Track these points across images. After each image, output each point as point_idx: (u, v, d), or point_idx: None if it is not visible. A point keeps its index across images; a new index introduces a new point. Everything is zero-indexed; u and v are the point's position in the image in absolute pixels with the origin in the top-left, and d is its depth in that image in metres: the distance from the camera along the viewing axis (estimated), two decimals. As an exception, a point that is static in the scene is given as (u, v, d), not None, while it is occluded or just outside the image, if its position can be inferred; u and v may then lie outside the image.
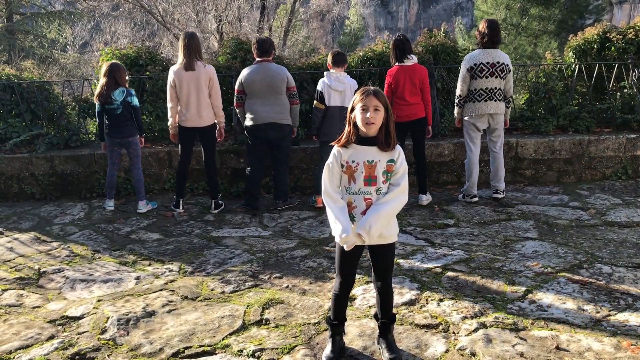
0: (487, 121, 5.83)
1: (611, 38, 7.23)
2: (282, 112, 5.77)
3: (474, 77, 5.71)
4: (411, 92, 5.73)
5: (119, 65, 5.95)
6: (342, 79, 5.78)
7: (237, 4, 18.67)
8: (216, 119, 5.89)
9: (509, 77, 5.75)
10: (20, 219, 5.97)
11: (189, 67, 5.62)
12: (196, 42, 5.68)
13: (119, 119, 5.87)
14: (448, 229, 5.22)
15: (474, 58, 5.70)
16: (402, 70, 5.73)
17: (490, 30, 5.67)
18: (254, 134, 5.81)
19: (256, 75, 5.71)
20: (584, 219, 5.32)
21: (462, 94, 5.84)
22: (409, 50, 5.79)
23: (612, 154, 6.69)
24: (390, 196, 2.86)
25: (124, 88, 5.84)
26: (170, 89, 5.73)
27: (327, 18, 31.21)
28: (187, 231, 5.43)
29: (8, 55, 16.84)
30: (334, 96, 5.78)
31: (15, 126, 6.93)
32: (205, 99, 5.74)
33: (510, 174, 6.70)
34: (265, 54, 5.76)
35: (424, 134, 5.95)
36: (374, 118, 2.78)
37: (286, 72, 5.81)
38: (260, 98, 5.73)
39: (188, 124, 5.78)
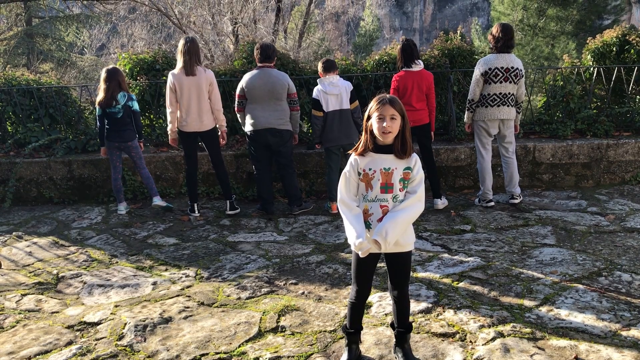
0: (498, 126, 5.79)
1: (630, 40, 7.13)
2: (281, 117, 5.79)
3: (487, 82, 5.67)
4: (418, 97, 5.72)
5: (119, 69, 6.07)
6: (335, 83, 5.79)
7: (253, 7, 18.73)
8: (217, 123, 5.92)
9: (522, 82, 5.71)
10: (38, 223, 6.04)
11: (189, 72, 5.65)
12: (196, 47, 5.71)
13: (119, 123, 5.94)
14: (464, 234, 5.18)
15: (489, 62, 5.66)
16: (409, 76, 5.72)
17: (505, 34, 5.62)
18: (254, 139, 5.85)
19: (258, 80, 5.73)
20: (602, 225, 5.25)
21: (474, 99, 5.80)
22: (416, 55, 5.77)
23: (632, 158, 6.60)
24: (407, 203, 2.86)
25: (126, 92, 5.93)
26: (170, 94, 5.75)
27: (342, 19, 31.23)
28: (203, 236, 5.45)
29: (27, 59, 17.05)
30: (331, 101, 5.78)
31: (34, 130, 7.01)
32: (205, 104, 5.77)
33: (528, 178, 6.64)
34: (268, 59, 5.78)
35: (430, 139, 5.94)
36: (391, 127, 2.78)
37: (287, 78, 5.83)
38: (261, 103, 5.75)
39: (188, 128, 5.81)
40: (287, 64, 7.21)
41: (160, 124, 7.32)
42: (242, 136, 7.07)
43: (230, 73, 7.18)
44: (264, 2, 19.85)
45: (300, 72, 7.28)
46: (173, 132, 5.89)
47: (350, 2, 26.52)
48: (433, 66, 6.99)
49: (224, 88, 7.05)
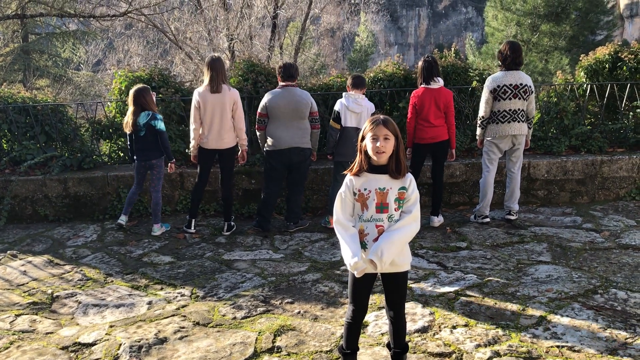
0: (511, 142, 5.83)
1: (623, 58, 7.21)
2: (304, 136, 5.82)
3: (497, 99, 5.72)
4: (436, 114, 5.76)
5: (143, 89, 5.96)
6: (359, 101, 5.82)
7: (249, 23, 18.85)
8: (239, 142, 5.93)
9: (532, 98, 5.75)
10: (33, 241, 6.02)
11: (214, 89, 5.68)
12: (221, 65, 5.74)
13: (142, 142, 5.92)
14: (460, 251, 5.19)
15: (497, 80, 5.71)
16: (427, 93, 5.76)
17: (513, 52, 5.68)
18: (276, 158, 5.83)
19: (281, 99, 5.75)
20: (597, 242, 5.27)
21: (485, 116, 5.84)
22: (437, 72, 5.82)
23: (626, 174, 6.64)
24: (402, 223, 2.88)
25: (149, 111, 5.89)
26: (195, 111, 5.78)
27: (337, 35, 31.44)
28: (198, 254, 5.44)
29: (23, 75, 17.09)
30: (350, 117, 5.82)
31: (29, 148, 7.00)
32: (228, 122, 5.79)
33: (523, 194, 6.66)
34: (290, 78, 5.81)
35: (445, 156, 5.97)
36: (385, 147, 2.81)
37: (310, 97, 5.86)
38: (284, 122, 5.77)
39: (209, 145, 5.83)
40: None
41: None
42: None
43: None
44: (260, 19, 19.98)
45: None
46: (195, 148, 5.90)
47: (345, 18, 26.75)
48: (428, 83, 7.02)
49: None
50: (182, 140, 7.03)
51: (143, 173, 6.12)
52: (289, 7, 20.76)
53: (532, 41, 20.58)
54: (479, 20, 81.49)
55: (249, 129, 6.86)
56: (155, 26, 18.65)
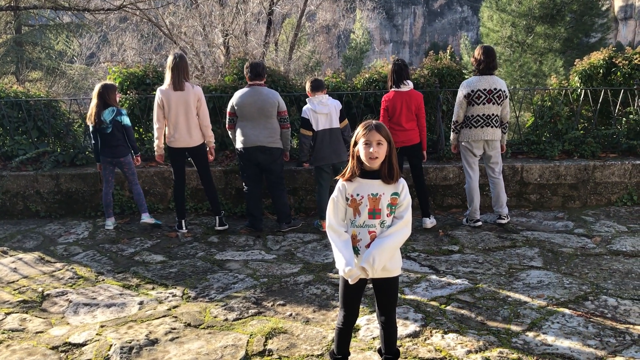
0: (483, 147, 5.84)
1: (617, 63, 7.24)
2: (271, 135, 5.81)
3: (471, 104, 5.72)
4: (407, 117, 5.77)
5: (109, 85, 6.02)
6: (325, 102, 5.83)
7: (244, 19, 18.78)
8: (205, 139, 5.92)
9: (506, 103, 5.76)
10: (24, 237, 5.98)
11: (177, 87, 5.65)
12: (184, 63, 5.71)
13: (110, 139, 5.93)
14: (452, 255, 5.20)
15: (471, 84, 5.72)
16: (398, 96, 5.77)
17: (487, 56, 5.68)
18: (244, 157, 5.86)
19: (248, 98, 5.75)
20: (589, 247, 5.29)
21: (458, 120, 5.86)
22: (406, 75, 5.82)
23: (618, 180, 6.67)
24: (394, 229, 2.88)
25: (114, 107, 5.90)
26: (158, 109, 5.74)
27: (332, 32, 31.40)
28: (190, 253, 5.43)
29: (16, 67, 16.96)
30: (320, 119, 5.82)
31: (21, 143, 6.95)
32: (194, 119, 5.78)
33: (515, 198, 6.69)
34: (258, 77, 5.81)
35: (420, 158, 5.98)
36: (378, 152, 2.81)
37: (277, 96, 5.86)
38: (251, 121, 5.78)
39: (177, 144, 5.81)
40: (277, 80, 7.23)
41: (149, 137, 7.29)
42: (232, 152, 7.07)
43: (221, 89, 7.19)
44: (255, 15, 19.91)
45: (291, 89, 7.31)
46: (160, 148, 5.87)
47: (341, 15, 26.70)
48: (423, 85, 7.04)
49: (214, 103, 7.06)
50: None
51: (111, 169, 6.14)
52: (285, 4, 20.70)
53: (527, 42, 20.62)
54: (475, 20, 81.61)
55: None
56: (150, 20, 18.54)
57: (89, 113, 5.96)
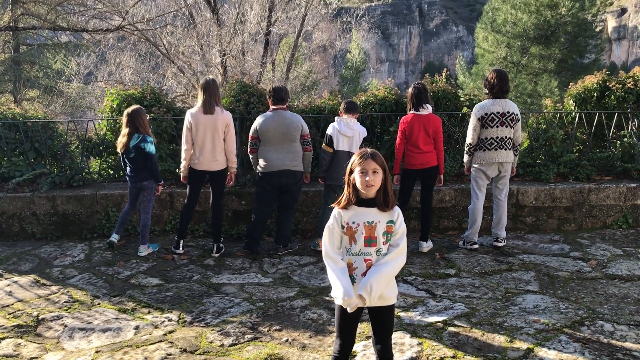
0: (497, 169, 5.89)
1: (611, 87, 7.32)
2: (295, 159, 5.85)
3: (484, 127, 5.79)
4: (425, 141, 5.83)
5: (139, 111, 5.96)
6: (352, 125, 5.88)
7: (241, 39, 18.93)
8: (228, 164, 5.95)
9: (518, 126, 5.83)
10: (20, 260, 5.96)
11: (207, 110, 5.70)
12: (216, 87, 5.78)
13: (133, 163, 5.95)
14: (449, 279, 5.20)
15: (485, 108, 5.79)
16: (417, 119, 5.83)
17: (500, 80, 5.77)
18: (267, 181, 5.87)
19: (272, 123, 5.79)
20: (584, 271, 5.31)
21: (472, 142, 5.91)
22: (425, 99, 5.90)
23: (613, 203, 6.71)
24: (390, 257, 2.90)
25: (140, 134, 5.89)
26: (187, 132, 5.80)
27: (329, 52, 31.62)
28: (186, 276, 5.41)
29: (14, 86, 17.01)
30: (342, 141, 5.87)
31: (18, 165, 6.95)
32: (220, 144, 5.82)
33: (511, 221, 6.71)
34: (281, 101, 5.86)
35: (434, 182, 6.03)
36: (373, 180, 2.84)
37: (301, 120, 5.91)
38: (275, 145, 5.81)
39: (200, 167, 5.84)
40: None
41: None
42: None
43: (218, 111, 7.21)
44: (253, 35, 20.06)
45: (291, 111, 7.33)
46: (186, 169, 5.92)
47: (337, 35, 26.92)
48: (419, 108, 7.08)
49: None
50: (172, 160, 7.02)
51: (135, 194, 6.13)
52: (282, 24, 20.87)
53: (522, 63, 20.82)
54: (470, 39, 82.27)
55: (240, 150, 6.88)
56: (148, 40, 18.67)
57: (119, 140, 5.97)
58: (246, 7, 19.41)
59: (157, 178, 6.04)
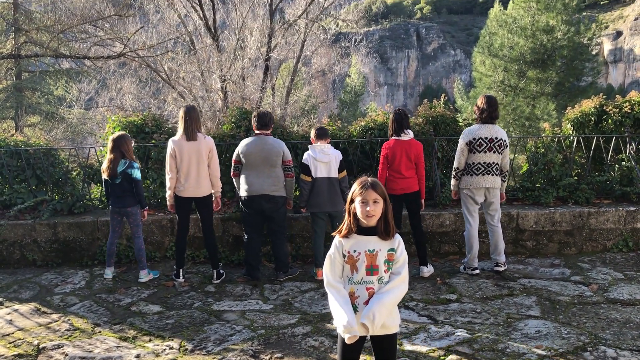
0: (484, 194, 5.92)
1: (608, 111, 7.39)
2: (275, 184, 5.88)
3: (472, 151, 5.83)
4: (407, 166, 5.88)
5: (123, 137, 6.06)
6: (326, 151, 5.94)
7: (241, 64, 19.10)
8: (213, 189, 5.99)
9: (506, 152, 5.88)
10: (20, 287, 5.95)
11: (190, 137, 5.75)
12: (196, 114, 5.84)
13: (118, 189, 5.97)
14: (450, 304, 5.20)
15: (473, 132, 5.84)
16: (398, 144, 5.89)
17: (489, 106, 5.83)
18: (248, 205, 5.91)
19: (254, 147, 5.85)
20: (586, 296, 5.30)
21: (459, 167, 5.96)
22: (407, 125, 5.97)
23: (613, 226, 6.72)
24: (392, 285, 2.91)
25: (127, 160, 5.94)
26: (170, 159, 5.83)
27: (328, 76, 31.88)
28: (187, 303, 5.40)
29: (15, 112, 17.12)
30: (320, 168, 5.92)
31: (20, 192, 6.98)
32: (204, 170, 5.86)
33: (512, 245, 6.72)
34: (264, 127, 5.93)
35: (418, 207, 6.06)
36: (374, 210, 2.87)
37: (283, 145, 5.96)
38: (256, 170, 5.86)
39: (186, 194, 5.87)
40: (275, 128, 7.32)
41: (147, 185, 7.33)
42: (230, 199, 7.12)
43: (219, 137, 7.28)
44: (253, 60, 20.25)
45: (289, 137, 7.41)
46: (171, 197, 5.94)
47: (336, 60, 27.18)
48: (418, 133, 7.16)
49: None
50: (173, 186, 7.04)
51: (118, 220, 6.15)
52: (282, 50, 21.08)
53: (520, 87, 21.00)
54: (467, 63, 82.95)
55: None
56: (148, 66, 18.84)
57: (104, 166, 6.01)
58: (246, 33, 19.63)
59: (142, 203, 6.10)
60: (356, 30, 27.63)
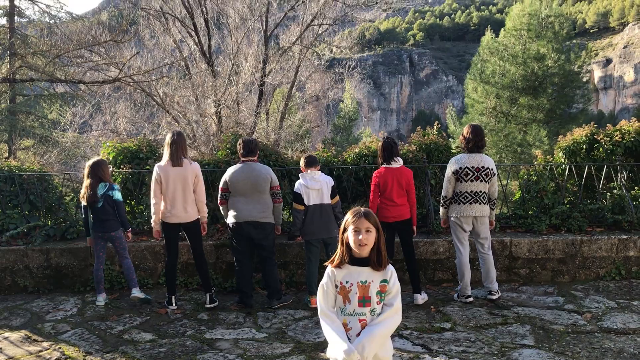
0: (472, 222, 5.94)
1: (599, 140, 7.48)
2: (264, 210, 5.90)
3: (459, 180, 5.88)
4: (398, 193, 5.91)
5: (100, 162, 6.13)
6: (317, 178, 5.98)
7: (236, 89, 19.20)
8: (199, 214, 6.00)
9: (494, 180, 5.92)
10: (11, 314, 5.89)
11: (175, 163, 5.77)
12: (182, 139, 5.88)
13: (101, 213, 5.98)
14: (445, 333, 5.18)
15: (459, 162, 5.88)
16: (389, 172, 5.93)
17: (475, 135, 5.89)
18: (237, 232, 5.91)
19: (241, 174, 5.88)
20: (580, 324, 5.30)
21: (447, 195, 6.00)
22: (396, 153, 6.02)
23: (605, 254, 6.75)
24: (384, 317, 2.91)
25: (106, 182, 5.97)
26: (156, 185, 5.83)
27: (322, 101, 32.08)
28: (180, 331, 5.36)
29: (9, 136, 17.08)
30: (312, 195, 5.95)
31: (13, 217, 6.95)
32: (190, 195, 5.87)
33: (505, 272, 6.73)
34: (251, 153, 5.96)
35: (411, 234, 6.09)
36: (367, 239, 2.88)
37: (270, 171, 5.99)
38: (244, 196, 5.88)
39: (173, 220, 5.86)
40: (269, 155, 7.38)
41: (141, 210, 7.33)
42: (223, 225, 7.10)
43: (214, 163, 7.31)
44: (247, 85, 20.38)
45: (283, 163, 7.44)
46: (157, 223, 5.91)
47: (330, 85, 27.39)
48: (411, 160, 7.21)
49: (207, 177, 7.14)
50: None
51: (102, 245, 6.15)
52: (276, 75, 21.25)
53: (511, 113, 21.22)
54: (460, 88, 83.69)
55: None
56: (143, 90, 18.91)
57: (82, 193, 6.03)
58: (241, 58, 19.80)
59: (125, 225, 6.12)
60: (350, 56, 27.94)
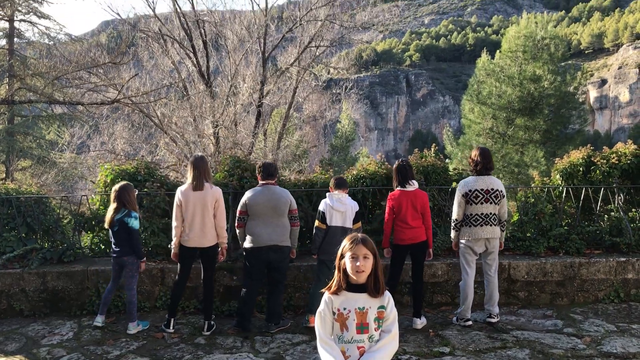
0: (484, 245, 5.95)
1: (596, 162, 7.52)
2: (283, 234, 5.89)
3: (469, 203, 5.89)
4: (413, 216, 5.92)
5: (126, 186, 6.02)
6: (343, 200, 5.97)
7: (234, 110, 19.29)
8: (219, 239, 5.97)
9: (503, 202, 5.94)
10: (6, 339, 5.83)
11: (197, 187, 5.78)
12: (205, 163, 5.88)
13: (115, 237, 5.95)
14: (444, 357, 5.15)
15: (469, 185, 5.91)
16: (404, 195, 5.94)
17: (483, 158, 5.93)
18: (255, 256, 5.87)
19: (261, 197, 5.87)
20: (579, 349, 5.27)
21: (458, 218, 6.00)
22: (411, 176, 6.04)
23: (604, 277, 6.75)
24: (382, 343, 2.92)
25: (126, 209, 5.92)
26: (177, 209, 5.85)
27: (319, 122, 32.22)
28: (177, 356, 5.31)
29: (6, 157, 17.10)
30: (335, 216, 5.94)
31: (9, 240, 6.91)
32: (210, 220, 5.85)
33: (504, 295, 6.71)
34: (270, 177, 5.97)
35: (424, 256, 6.08)
36: (364, 266, 2.88)
37: (289, 195, 5.99)
38: (263, 220, 5.86)
39: (190, 243, 5.86)
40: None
41: (139, 233, 7.29)
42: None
43: (212, 185, 7.30)
44: (245, 106, 20.47)
45: (282, 185, 7.43)
46: (176, 246, 5.92)
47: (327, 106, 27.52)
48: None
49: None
50: (164, 234, 7.01)
51: (118, 270, 6.09)
52: (274, 96, 21.36)
53: (508, 134, 21.31)
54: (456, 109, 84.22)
55: (233, 224, 6.90)
56: (141, 111, 19.00)
57: (107, 217, 5.98)
58: (239, 80, 19.91)
59: (139, 254, 5.99)
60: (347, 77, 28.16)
